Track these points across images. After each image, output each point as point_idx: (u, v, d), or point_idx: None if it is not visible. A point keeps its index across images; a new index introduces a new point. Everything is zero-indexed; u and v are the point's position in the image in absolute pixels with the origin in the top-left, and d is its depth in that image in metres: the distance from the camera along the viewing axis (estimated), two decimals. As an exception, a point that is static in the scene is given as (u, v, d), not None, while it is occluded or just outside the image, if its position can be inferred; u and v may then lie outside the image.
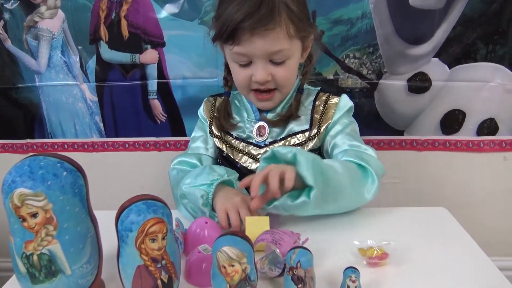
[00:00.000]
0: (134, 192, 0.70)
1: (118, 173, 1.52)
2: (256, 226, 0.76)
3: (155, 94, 1.41)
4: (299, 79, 1.02)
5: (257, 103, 0.98)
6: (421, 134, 1.41)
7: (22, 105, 1.46)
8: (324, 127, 0.97)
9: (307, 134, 0.97)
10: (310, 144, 0.97)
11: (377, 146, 1.41)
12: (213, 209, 0.85)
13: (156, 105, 1.42)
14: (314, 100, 1.00)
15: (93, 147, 1.50)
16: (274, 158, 0.79)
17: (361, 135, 1.03)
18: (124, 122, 1.46)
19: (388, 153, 1.42)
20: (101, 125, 1.47)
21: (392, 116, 1.39)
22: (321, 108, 0.98)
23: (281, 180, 0.74)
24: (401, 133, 1.41)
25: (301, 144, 0.96)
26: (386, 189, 1.44)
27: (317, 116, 0.98)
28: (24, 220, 0.56)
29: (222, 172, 0.88)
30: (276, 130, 1.00)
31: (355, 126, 1.00)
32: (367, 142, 0.98)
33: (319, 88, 1.03)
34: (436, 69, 1.33)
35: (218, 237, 0.59)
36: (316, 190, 0.73)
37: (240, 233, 0.59)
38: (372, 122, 1.39)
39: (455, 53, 1.31)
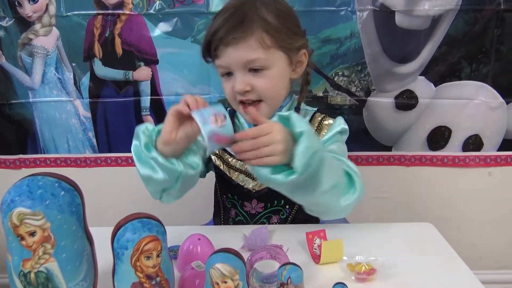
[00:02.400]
0: (126, 208, 0.71)
1: (111, 188, 1.52)
2: (331, 249, 0.77)
3: (148, 110, 1.43)
4: (292, 96, 1.01)
5: (244, 115, 0.97)
6: (409, 150, 1.44)
7: (15, 121, 1.47)
8: None
9: None
10: None
11: (366, 161, 1.44)
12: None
13: (149, 121, 1.44)
14: (310, 121, 1.00)
15: (85, 163, 1.50)
16: (286, 120, 0.74)
17: (350, 150, 1.02)
18: (117, 138, 1.47)
19: (377, 168, 1.45)
20: (94, 141, 1.48)
21: (380, 132, 1.42)
22: (314, 129, 0.98)
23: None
24: (389, 149, 1.44)
25: None
26: (374, 204, 1.48)
27: None
28: (22, 238, 0.57)
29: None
30: None
31: (344, 148, 0.98)
32: (356, 158, 1.00)
33: (315, 109, 1.03)
34: (422, 87, 1.37)
35: (211, 254, 0.61)
36: (297, 177, 0.69)
37: (233, 250, 0.61)
38: (361, 138, 1.42)
39: (441, 72, 1.35)
